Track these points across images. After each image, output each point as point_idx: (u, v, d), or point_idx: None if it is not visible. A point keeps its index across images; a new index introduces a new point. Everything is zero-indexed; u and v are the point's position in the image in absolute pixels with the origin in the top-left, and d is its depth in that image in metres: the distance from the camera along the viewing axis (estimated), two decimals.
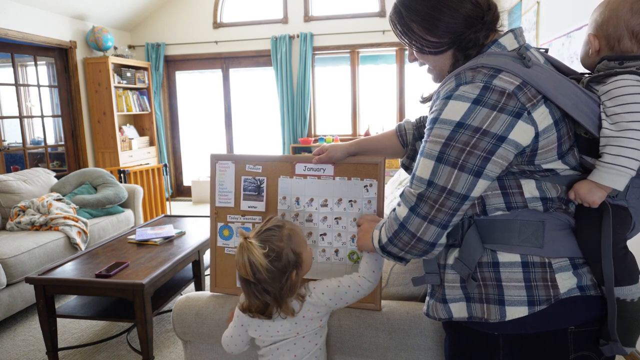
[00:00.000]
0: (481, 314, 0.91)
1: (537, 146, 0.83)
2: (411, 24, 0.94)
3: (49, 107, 5.27)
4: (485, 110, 0.81)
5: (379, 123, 5.95)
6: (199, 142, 6.62)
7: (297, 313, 1.17)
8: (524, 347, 0.91)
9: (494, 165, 0.83)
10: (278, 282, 1.12)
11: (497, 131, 0.81)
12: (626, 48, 0.90)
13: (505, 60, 0.85)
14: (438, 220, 0.86)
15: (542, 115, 0.82)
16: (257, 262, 1.08)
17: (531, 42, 3.70)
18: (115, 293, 2.16)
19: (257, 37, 5.93)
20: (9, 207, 3.47)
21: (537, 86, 0.82)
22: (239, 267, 1.11)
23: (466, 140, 0.82)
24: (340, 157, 1.36)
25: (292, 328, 1.19)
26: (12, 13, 4.40)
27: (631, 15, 0.88)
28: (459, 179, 0.83)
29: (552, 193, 0.88)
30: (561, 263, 0.89)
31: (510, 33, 0.92)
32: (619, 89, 0.83)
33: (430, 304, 1.00)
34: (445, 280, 0.96)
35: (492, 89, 0.82)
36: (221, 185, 1.49)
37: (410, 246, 0.90)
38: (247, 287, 1.14)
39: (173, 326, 1.49)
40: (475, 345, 0.96)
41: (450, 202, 0.84)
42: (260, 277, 1.10)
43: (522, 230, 0.89)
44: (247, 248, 1.10)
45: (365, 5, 5.75)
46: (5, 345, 2.55)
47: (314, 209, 1.41)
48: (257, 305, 1.15)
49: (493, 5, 0.94)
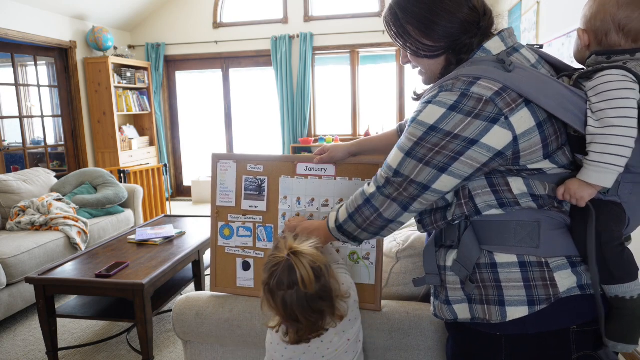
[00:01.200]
0: (483, 315, 0.91)
1: (519, 149, 0.84)
2: (407, 27, 0.94)
3: (49, 107, 5.27)
4: (460, 117, 0.83)
5: (379, 123, 5.95)
6: (199, 142, 6.61)
7: (346, 313, 1.10)
8: (526, 348, 0.91)
9: (462, 164, 0.85)
10: (327, 281, 1.05)
11: (468, 135, 0.83)
12: (613, 42, 0.90)
13: (485, 67, 0.86)
14: (399, 200, 0.92)
15: (523, 118, 0.82)
16: (316, 261, 1.02)
17: (531, 41, 3.70)
18: (115, 293, 2.16)
19: (257, 37, 5.93)
20: (9, 207, 3.47)
21: (518, 90, 0.82)
22: (304, 279, 0.99)
23: (436, 142, 0.85)
24: (341, 157, 1.36)
25: (340, 337, 1.12)
26: (12, 13, 4.40)
27: (617, 9, 0.88)
28: (422, 171, 0.88)
29: (541, 190, 0.88)
30: (558, 262, 0.89)
31: (497, 37, 0.92)
32: (604, 84, 0.82)
33: (437, 305, 1.01)
34: (447, 282, 0.97)
35: (469, 96, 0.83)
36: (222, 185, 1.49)
37: (370, 222, 0.97)
38: (306, 307, 1.01)
39: (173, 326, 1.49)
40: (478, 346, 0.97)
41: (411, 188, 0.90)
42: (319, 285, 1.02)
43: (517, 231, 0.90)
44: (300, 254, 1.02)
45: (365, 5, 5.75)
46: (5, 345, 2.55)
47: (315, 209, 1.41)
48: (310, 323, 1.04)
49: (489, 10, 0.94)
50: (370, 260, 1.38)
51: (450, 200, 0.94)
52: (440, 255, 0.99)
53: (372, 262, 1.38)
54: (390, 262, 1.51)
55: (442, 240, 0.99)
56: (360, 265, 1.39)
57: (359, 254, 1.39)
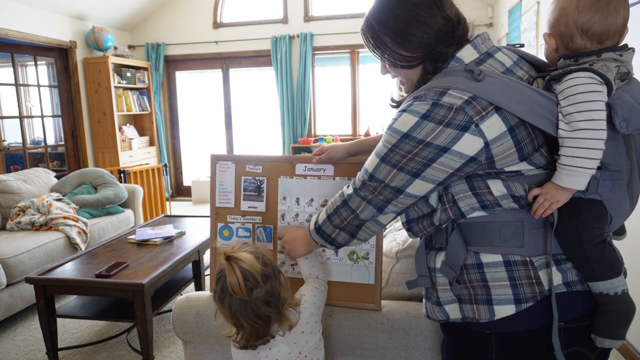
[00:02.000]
0: (472, 315, 0.94)
1: (492, 154, 0.85)
2: (384, 38, 0.96)
3: (49, 107, 5.27)
4: (432, 125, 0.85)
5: (379, 123, 5.96)
6: (199, 142, 6.62)
7: (296, 323, 1.11)
8: (515, 345, 0.93)
9: (435, 170, 0.87)
10: (274, 288, 1.07)
11: (440, 143, 0.85)
12: (579, 45, 0.90)
13: (455, 78, 0.88)
14: (375, 202, 0.96)
15: (493, 125, 0.84)
16: (251, 267, 1.04)
17: (531, 41, 3.70)
18: (115, 293, 2.16)
19: (257, 37, 5.93)
20: (9, 207, 3.47)
21: (487, 98, 0.84)
22: (232, 286, 1.02)
23: (409, 150, 0.88)
24: (340, 157, 1.37)
25: (291, 350, 1.13)
26: (12, 13, 4.40)
27: (578, 14, 0.88)
28: (396, 176, 0.91)
29: (520, 191, 0.89)
30: (543, 260, 0.91)
31: (469, 45, 0.94)
32: (571, 87, 0.83)
33: (428, 307, 1.03)
34: (437, 284, 0.99)
35: (440, 105, 0.85)
36: (221, 186, 1.49)
37: (347, 222, 1.02)
38: (243, 311, 1.05)
39: (173, 326, 1.49)
40: (470, 345, 0.99)
41: (386, 192, 0.93)
42: (257, 292, 1.04)
43: (502, 232, 0.92)
44: (236, 259, 1.04)
45: (365, 6, 5.72)
46: (5, 345, 2.55)
47: (314, 209, 1.41)
48: (252, 330, 1.07)
49: (462, 19, 0.96)
50: (370, 260, 1.38)
51: (435, 206, 0.96)
52: (430, 257, 1.01)
53: (371, 262, 1.38)
54: (390, 262, 1.51)
55: (432, 243, 1.02)
56: (360, 265, 1.39)
57: (358, 254, 1.39)
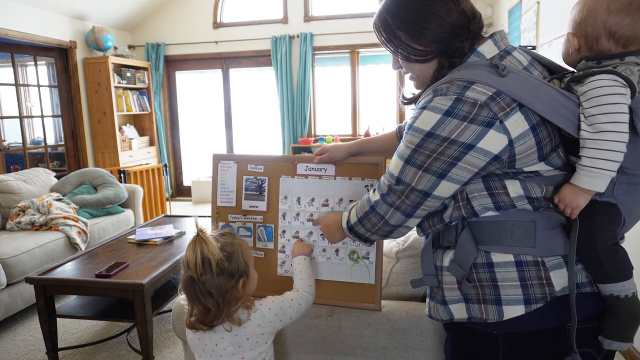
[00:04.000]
0: (480, 315, 0.92)
1: (514, 152, 0.84)
2: (397, 32, 0.95)
3: (49, 107, 5.27)
4: (456, 122, 0.84)
5: (379, 123, 5.95)
6: (199, 142, 6.62)
7: (244, 323, 1.11)
8: (522, 346, 0.92)
9: (461, 170, 0.86)
10: (224, 285, 1.08)
11: (465, 140, 0.84)
12: (604, 48, 0.90)
13: (478, 72, 0.87)
14: (402, 208, 0.94)
15: (517, 122, 0.83)
16: (211, 254, 1.05)
17: (531, 42, 3.70)
18: (115, 293, 2.16)
19: (257, 37, 5.93)
20: (9, 207, 3.47)
21: (511, 94, 0.83)
22: (188, 261, 1.06)
23: (433, 148, 0.86)
24: (341, 157, 1.37)
25: (236, 352, 1.13)
26: (12, 13, 4.40)
27: (608, 15, 0.87)
28: (422, 178, 0.89)
29: (537, 192, 0.89)
30: (554, 261, 0.90)
31: (490, 40, 0.93)
32: (595, 89, 0.83)
33: (432, 306, 1.02)
34: (443, 282, 0.98)
35: (464, 101, 0.84)
36: (223, 185, 1.49)
37: (377, 227, 1.00)
38: (191, 289, 1.09)
39: (173, 326, 1.49)
40: (476, 345, 0.98)
41: (413, 196, 0.91)
42: (206, 279, 1.07)
43: (514, 231, 0.90)
44: (202, 240, 1.07)
45: (365, 5, 5.74)
46: (5, 345, 2.55)
47: (315, 208, 1.41)
48: (198, 312, 1.10)
49: (478, 14, 0.95)
50: (370, 260, 1.38)
51: (446, 203, 0.95)
52: (437, 255, 1.00)
53: (372, 262, 1.38)
54: (390, 262, 1.51)
55: (439, 241, 1.00)
56: (360, 264, 1.39)
57: (358, 254, 1.39)
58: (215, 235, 1.13)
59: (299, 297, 1.21)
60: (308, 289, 1.24)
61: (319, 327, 1.38)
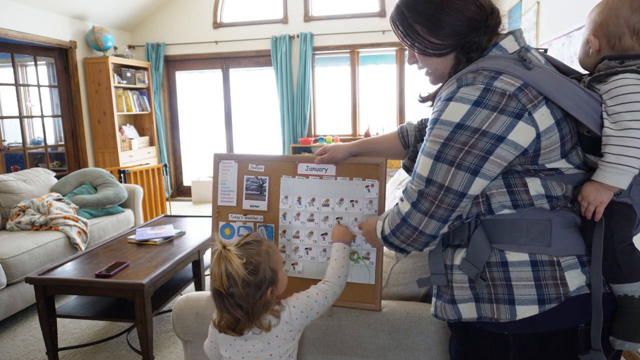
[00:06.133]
0: (491, 314, 0.91)
1: (540, 146, 0.84)
2: (415, 26, 0.94)
3: (49, 107, 5.27)
4: (486, 112, 0.82)
5: (379, 123, 5.95)
6: (199, 142, 6.61)
7: (273, 327, 1.13)
8: (534, 346, 0.91)
9: (492, 164, 0.84)
10: (252, 297, 1.08)
11: (496, 131, 0.82)
12: (627, 46, 0.91)
13: (506, 62, 0.86)
14: (438, 215, 0.88)
15: (544, 116, 0.83)
16: (235, 272, 1.05)
17: (531, 42, 3.70)
18: (115, 293, 2.16)
19: (257, 37, 5.93)
20: (9, 207, 3.46)
21: (538, 87, 0.82)
22: (215, 277, 1.08)
23: (465, 141, 0.83)
24: (342, 157, 1.37)
25: (264, 349, 1.15)
26: (12, 13, 4.40)
27: (631, 13, 0.89)
28: (456, 176, 0.85)
29: (558, 191, 0.88)
30: (570, 261, 0.89)
31: (511, 35, 0.93)
32: (619, 87, 0.84)
33: (438, 305, 1.00)
34: (453, 281, 0.96)
35: (492, 91, 0.82)
36: (224, 185, 1.49)
37: (412, 239, 0.94)
38: (219, 300, 1.10)
39: (173, 326, 1.49)
40: (485, 345, 0.96)
41: (448, 198, 0.86)
42: (234, 292, 1.07)
43: (529, 230, 0.89)
44: (225, 257, 1.06)
45: (365, 5, 5.75)
46: (5, 345, 2.55)
47: (315, 208, 1.41)
48: (228, 320, 1.12)
49: (496, 9, 0.95)
50: (371, 260, 1.38)
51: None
52: (447, 254, 0.99)
53: (372, 262, 1.38)
54: (390, 262, 1.51)
55: (450, 240, 0.99)
56: (361, 265, 1.39)
57: (359, 254, 1.39)
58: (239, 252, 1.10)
59: (324, 290, 1.21)
60: (336, 280, 1.23)
61: (319, 327, 1.38)
